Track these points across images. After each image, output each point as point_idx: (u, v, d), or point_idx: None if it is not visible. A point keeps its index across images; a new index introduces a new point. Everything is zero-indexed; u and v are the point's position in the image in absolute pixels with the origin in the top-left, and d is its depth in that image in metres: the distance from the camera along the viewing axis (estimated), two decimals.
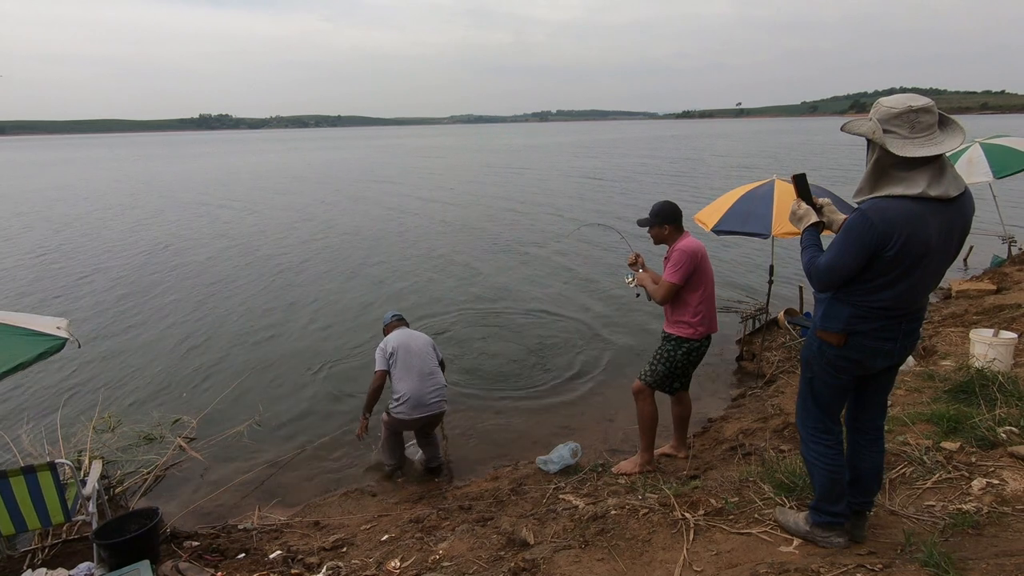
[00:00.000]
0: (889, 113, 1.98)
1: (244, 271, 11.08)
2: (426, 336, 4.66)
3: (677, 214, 3.73)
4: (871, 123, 2.01)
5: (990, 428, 3.16)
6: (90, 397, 6.02)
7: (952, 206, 1.98)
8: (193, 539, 3.54)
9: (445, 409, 4.55)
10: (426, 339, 4.61)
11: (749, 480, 3.04)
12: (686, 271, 3.58)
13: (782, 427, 4.24)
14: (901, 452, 3.09)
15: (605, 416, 5.38)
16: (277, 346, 7.37)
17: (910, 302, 2.08)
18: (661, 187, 21.89)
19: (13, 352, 3.08)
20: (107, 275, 10.92)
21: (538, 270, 10.55)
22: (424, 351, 4.46)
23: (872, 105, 2.09)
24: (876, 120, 2.00)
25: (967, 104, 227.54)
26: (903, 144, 1.95)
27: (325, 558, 3.17)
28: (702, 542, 2.54)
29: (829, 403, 2.28)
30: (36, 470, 3.06)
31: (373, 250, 12.55)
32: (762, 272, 8.37)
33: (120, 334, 7.88)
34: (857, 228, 2.00)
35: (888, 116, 1.98)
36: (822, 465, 2.29)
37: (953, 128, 2.03)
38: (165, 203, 21.05)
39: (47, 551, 3.55)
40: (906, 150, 1.94)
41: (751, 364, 6.25)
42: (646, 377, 3.83)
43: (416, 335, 4.60)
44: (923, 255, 1.98)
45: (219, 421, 5.48)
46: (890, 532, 2.46)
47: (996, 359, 4.24)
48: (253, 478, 4.61)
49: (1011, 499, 2.58)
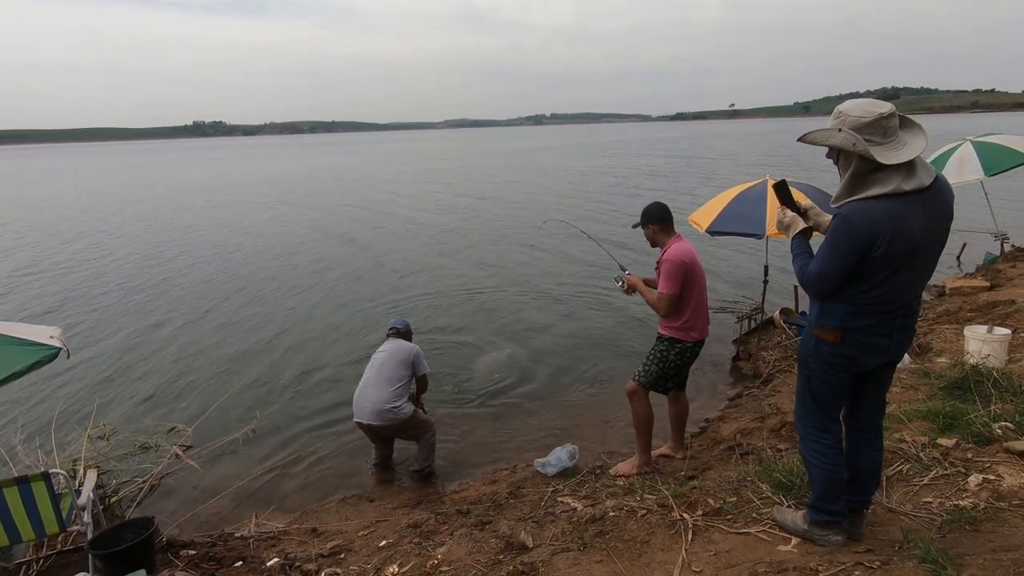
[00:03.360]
0: (860, 122, 2.00)
1: (247, 278, 11.05)
2: (408, 350, 4.62)
3: (663, 214, 3.73)
4: (844, 134, 2.01)
5: (986, 424, 3.17)
6: (86, 405, 5.97)
7: (929, 194, 2.00)
8: (189, 548, 3.51)
9: (378, 423, 4.35)
10: (403, 353, 4.57)
11: (747, 480, 3.04)
12: (679, 280, 3.58)
13: (779, 426, 4.25)
14: (898, 449, 3.10)
15: (603, 418, 5.38)
16: (274, 353, 7.33)
17: (903, 296, 2.09)
18: (693, 182, 22.46)
19: (6, 362, 3.06)
20: (112, 284, 10.87)
21: (536, 271, 10.56)
22: (386, 363, 4.51)
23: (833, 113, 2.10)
24: (848, 130, 2.01)
25: (958, 103, 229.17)
26: (882, 150, 1.97)
27: (323, 565, 3.15)
28: (700, 542, 2.53)
29: (827, 401, 2.28)
30: (30, 480, 3.04)
31: (380, 255, 12.53)
32: (757, 272, 8.39)
33: (116, 342, 7.84)
34: (841, 233, 2.02)
35: (860, 125, 2.00)
36: (821, 464, 2.29)
37: (914, 127, 2.07)
38: (232, 201, 21.49)
39: (42, 562, 3.52)
40: (888, 156, 1.96)
41: (747, 364, 6.26)
42: (640, 377, 3.83)
43: (397, 347, 4.63)
44: (910, 250, 1.99)
45: (215, 429, 5.44)
46: (888, 529, 2.47)
47: (991, 355, 4.27)
48: (249, 485, 4.58)
49: (1007, 494, 2.59)
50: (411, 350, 4.65)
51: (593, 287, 9.37)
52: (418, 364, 4.64)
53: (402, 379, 4.49)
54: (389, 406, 4.32)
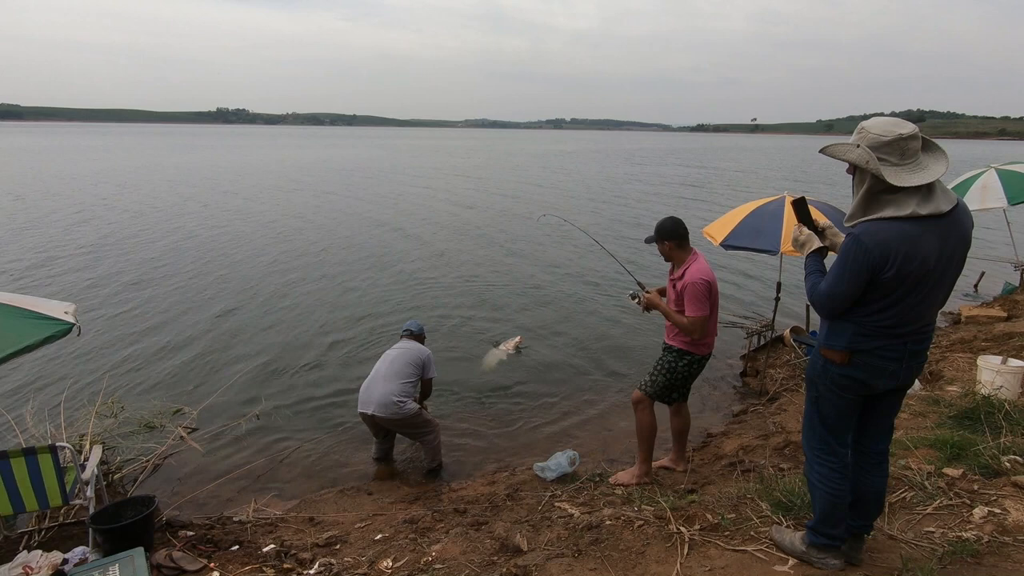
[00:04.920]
0: (879, 141, 1.97)
1: (263, 265, 11.16)
2: (420, 351, 4.72)
3: (679, 231, 3.65)
4: (861, 151, 1.99)
5: (994, 456, 3.13)
6: (95, 381, 6.05)
7: (946, 221, 1.97)
8: (188, 529, 3.55)
9: (382, 415, 4.38)
10: (415, 353, 4.66)
11: (747, 497, 3.02)
12: (707, 300, 3.55)
13: (783, 445, 4.21)
14: (902, 476, 3.06)
15: (604, 426, 5.36)
16: (283, 340, 7.39)
17: (914, 321, 2.07)
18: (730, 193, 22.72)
19: (21, 334, 3.11)
20: (141, 263, 11.03)
21: (535, 271, 10.56)
22: (397, 359, 4.58)
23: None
24: (866, 147, 1.99)
25: (985, 129, 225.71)
26: (897, 172, 1.95)
27: (318, 554, 3.17)
28: (696, 557, 2.52)
29: (835, 424, 2.25)
30: (37, 452, 3.09)
31: (391, 250, 12.61)
32: (769, 288, 8.32)
33: (131, 322, 7.94)
34: (852, 253, 1.99)
35: (879, 144, 1.97)
36: (824, 487, 2.26)
37: (936, 152, 2.03)
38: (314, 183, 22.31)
39: (43, 533, 3.57)
40: (902, 179, 1.94)
41: (754, 381, 6.21)
42: (646, 388, 3.82)
43: (410, 347, 4.73)
44: (923, 274, 1.97)
45: (220, 413, 5.50)
46: (887, 556, 2.43)
47: (1003, 387, 4.20)
48: (250, 471, 4.62)
49: (1012, 529, 2.55)
50: (423, 352, 4.75)
51: (596, 291, 9.35)
52: (427, 367, 4.73)
53: (411, 376, 4.56)
54: (396, 399, 4.36)
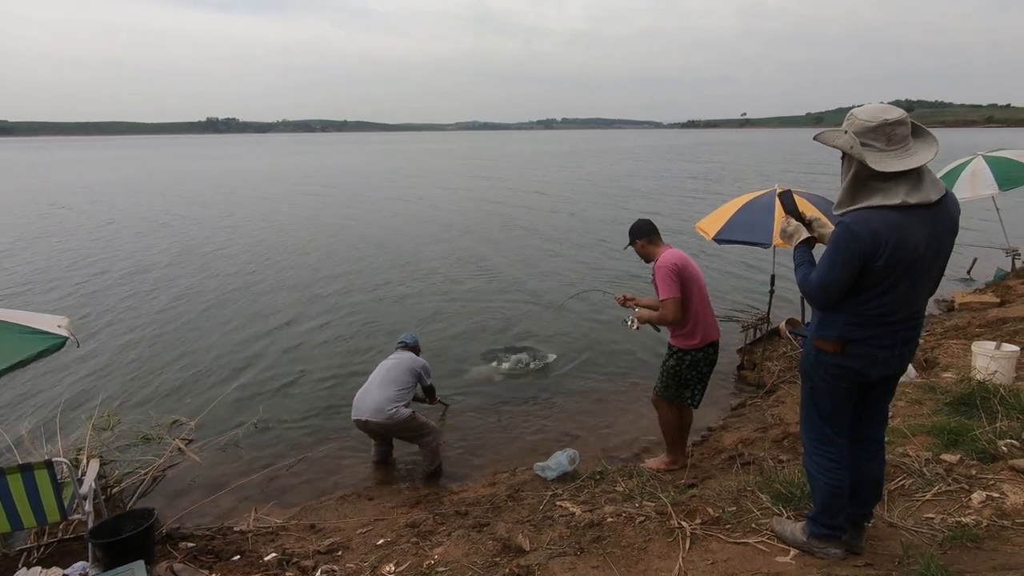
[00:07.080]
0: (865, 126, 1.98)
1: (257, 273, 11.12)
2: (415, 361, 4.80)
3: (647, 227, 3.85)
4: (847, 136, 2.01)
5: (991, 441, 3.14)
6: (91, 395, 6.02)
7: (935, 209, 1.98)
8: (188, 540, 3.53)
9: (376, 420, 4.39)
10: (411, 363, 4.74)
11: (747, 490, 3.02)
12: (675, 282, 3.60)
13: (782, 437, 4.22)
14: (901, 464, 3.07)
15: (604, 423, 5.36)
16: (277, 349, 7.36)
17: (905, 309, 2.08)
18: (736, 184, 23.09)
19: (12, 350, 3.09)
20: (127, 273, 10.97)
21: (534, 270, 10.57)
22: (392, 368, 4.65)
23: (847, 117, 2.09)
24: (852, 133, 2.00)
25: (972, 117, 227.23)
26: (881, 157, 1.95)
27: (320, 561, 3.16)
28: (698, 551, 2.52)
29: (831, 413, 2.26)
30: (33, 468, 3.06)
31: (393, 256, 12.59)
32: (763, 281, 8.34)
33: (124, 333, 7.90)
34: (843, 241, 2.00)
35: (864, 129, 1.98)
36: (824, 478, 2.27)
37: (927, 138, 2.04)
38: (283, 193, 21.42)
39: (42, 550, 3.55)
40: (884, 164, 1.94)
41: (751, 374, 6.22)
42: (657, 389, 3.95)
43: (405, 357, 4.80)
44: (913, 262, 1.98)
45: (217, 423, 5.47)
46: (888, 544, 2.44)
47: (998, 372, 4.23)
48: (250, 480, 4.59)
49: (1011, 513, 2.56)
50: (417, 362, 4.83)
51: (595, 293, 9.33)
52: (423, 376, 4.83)
53: (407, 384, 4.61)
54: (390, 406, 4.39)
